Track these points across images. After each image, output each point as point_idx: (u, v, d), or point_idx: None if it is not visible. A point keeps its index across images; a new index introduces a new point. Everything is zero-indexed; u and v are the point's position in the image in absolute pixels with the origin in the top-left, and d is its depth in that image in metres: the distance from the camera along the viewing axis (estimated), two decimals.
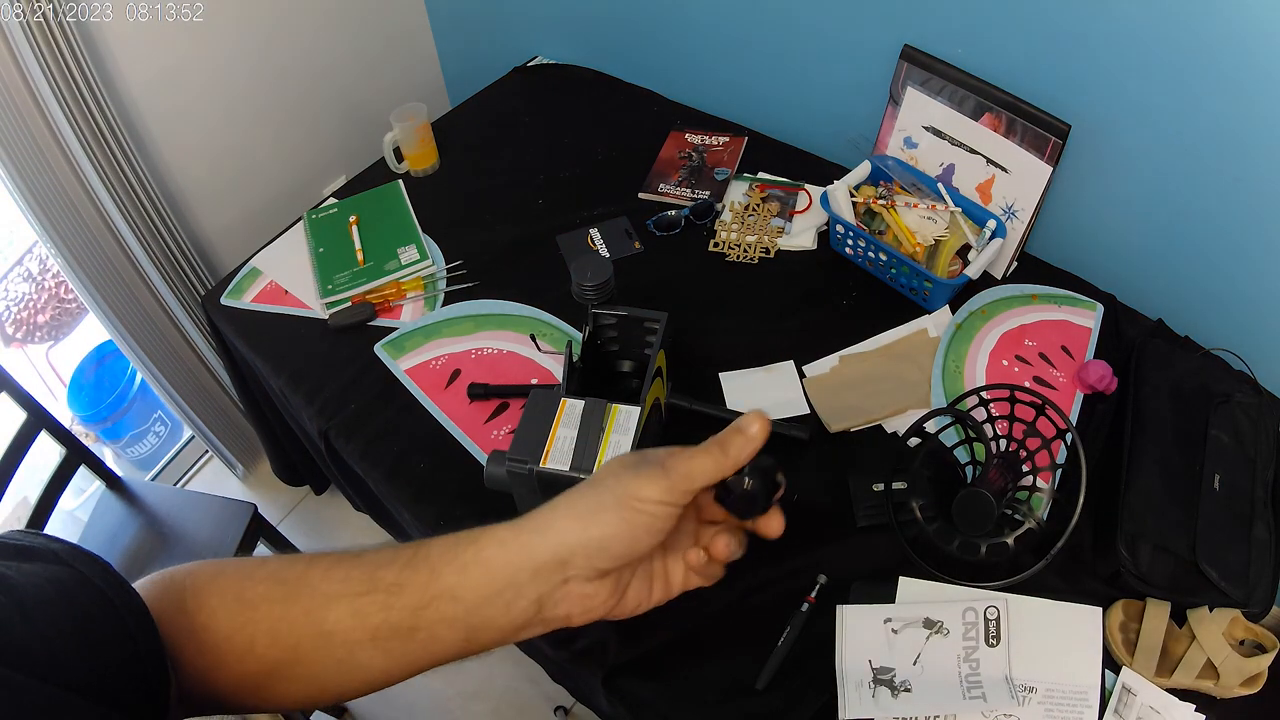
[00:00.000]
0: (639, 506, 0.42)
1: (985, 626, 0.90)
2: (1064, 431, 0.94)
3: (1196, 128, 1.03)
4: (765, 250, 1.33)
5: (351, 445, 1.16)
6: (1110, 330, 1.19)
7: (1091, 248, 1.25)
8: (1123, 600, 0.92)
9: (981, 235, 1.21)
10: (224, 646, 0.41)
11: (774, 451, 0.45)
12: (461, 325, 1.27)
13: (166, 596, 0.41)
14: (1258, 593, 0.87)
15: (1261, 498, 0.93)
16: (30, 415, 1.33)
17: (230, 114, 1.62)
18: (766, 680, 0.89)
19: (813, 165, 1.46)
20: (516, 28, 1.82)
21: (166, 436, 2.08)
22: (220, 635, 0.41)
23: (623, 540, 0.42)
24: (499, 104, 1.71)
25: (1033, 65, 1.12)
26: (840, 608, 0.92)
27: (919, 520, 0.95)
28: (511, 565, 0.42)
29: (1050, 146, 1.12)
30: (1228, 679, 0.85)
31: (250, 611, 0.41)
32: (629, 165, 1.50)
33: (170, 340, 1.69)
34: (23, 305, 2.11)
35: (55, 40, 1.21)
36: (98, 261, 1.48)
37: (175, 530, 1.47)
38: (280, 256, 1.42)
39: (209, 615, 0.41)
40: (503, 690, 1.68)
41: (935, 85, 1.21)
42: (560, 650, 0.95)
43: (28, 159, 1.30)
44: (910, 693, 0.86)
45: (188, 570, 0.43)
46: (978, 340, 1.18)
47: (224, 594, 0.42)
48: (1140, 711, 0.85)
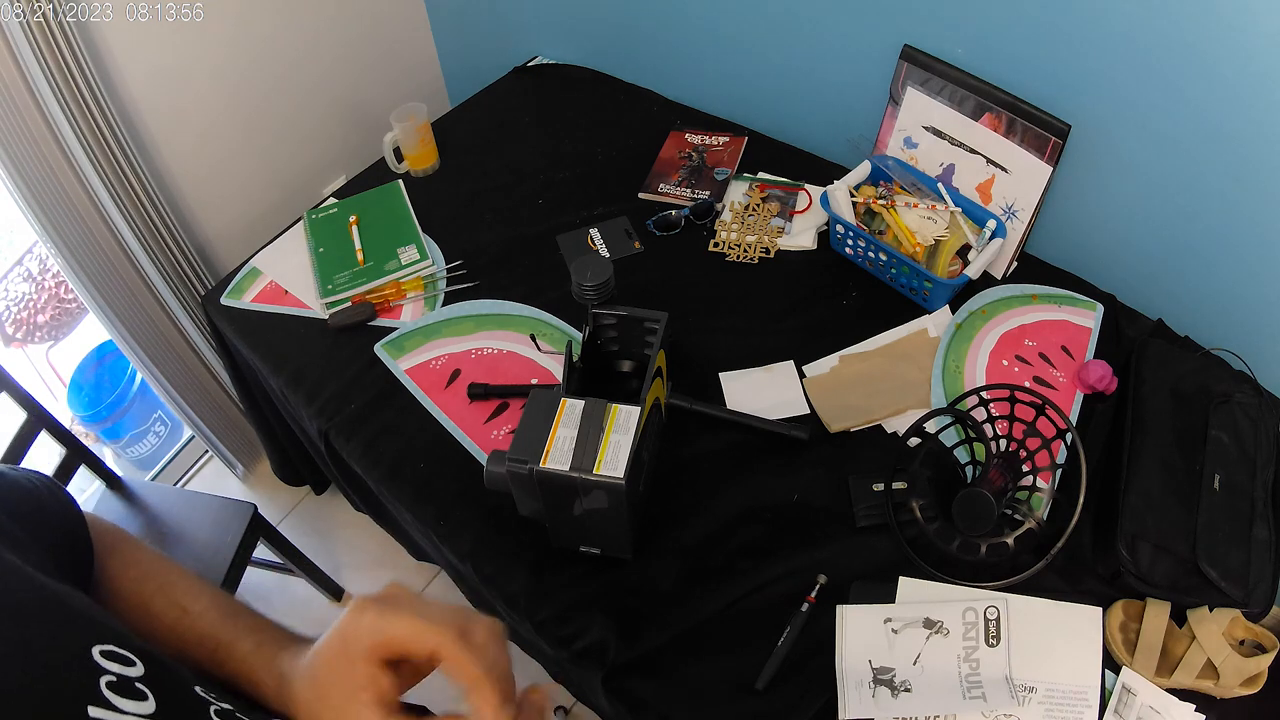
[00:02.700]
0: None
1: (985, 626, 0.90)
2: (1064, 431, 0.94)
3: (1196, 128, 1.03)
4: (765, 250, 1.33)
5: (351, 445, 1.16)
6: (1110, 330, 1.19)
7: (1091, 248, 1.25)
8: (1123, 600, 0.92)
9: (981, 235, 1.21)
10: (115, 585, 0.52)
11: (774, 451, 0.45)
12: (461, 325, 1.27)
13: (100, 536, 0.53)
14: (1258, 593, 0.87)
15: (1261, 498, 0.93)
16: (30, 415, 1.33)
17: (230, 114, 1.62)
18: (766, 680, 0.89)
19: (813, 165, 1.46)
20: (516, 28, 1.82)
21: (166, 436, 2.08)
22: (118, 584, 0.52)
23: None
24: (499, 104, 1.71)
25: (1033, 65, 1.12)
26: (840, 608, 0.92)
27: (919, 520, 0.95)
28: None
29: (1050, 146, 1.12)
30: (1228, 679, 0.85)
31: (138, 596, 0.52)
32: (629, 165, 1.50)
33: (170, 340, 1.69)
34: (23, 305, 2.11)
35: (55, 40, 1.21)
36: (98, 261, 1.48)
37: (175, 530, 1.47)
38: (280, 256, 1.42)
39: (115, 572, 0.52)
40: None
41: (935, 85, 1.21)
42: (560, 650, 0.95)
43: (28, 159, 1.30)
44: (910, 693, 0.86)
45: (115, 543, 0.54)
46: (978, 340, 1.18)
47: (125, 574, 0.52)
48: (1140, 711, 0.85)
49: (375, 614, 0.42)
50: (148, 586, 0.51)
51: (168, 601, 0.51)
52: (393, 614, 0.41)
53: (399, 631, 0.41)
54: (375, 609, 0.42)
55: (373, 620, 0.42)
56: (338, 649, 0.43)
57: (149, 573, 0.53)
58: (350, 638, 0.42)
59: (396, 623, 0.41)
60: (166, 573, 0.53)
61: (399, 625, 0.41)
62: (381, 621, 0.41)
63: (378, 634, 0.41)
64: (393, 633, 0.41)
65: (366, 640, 0.41)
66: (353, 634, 0.42)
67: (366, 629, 0.42)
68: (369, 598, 0.43)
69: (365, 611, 0.42)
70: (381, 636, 0.41)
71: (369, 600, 0.43)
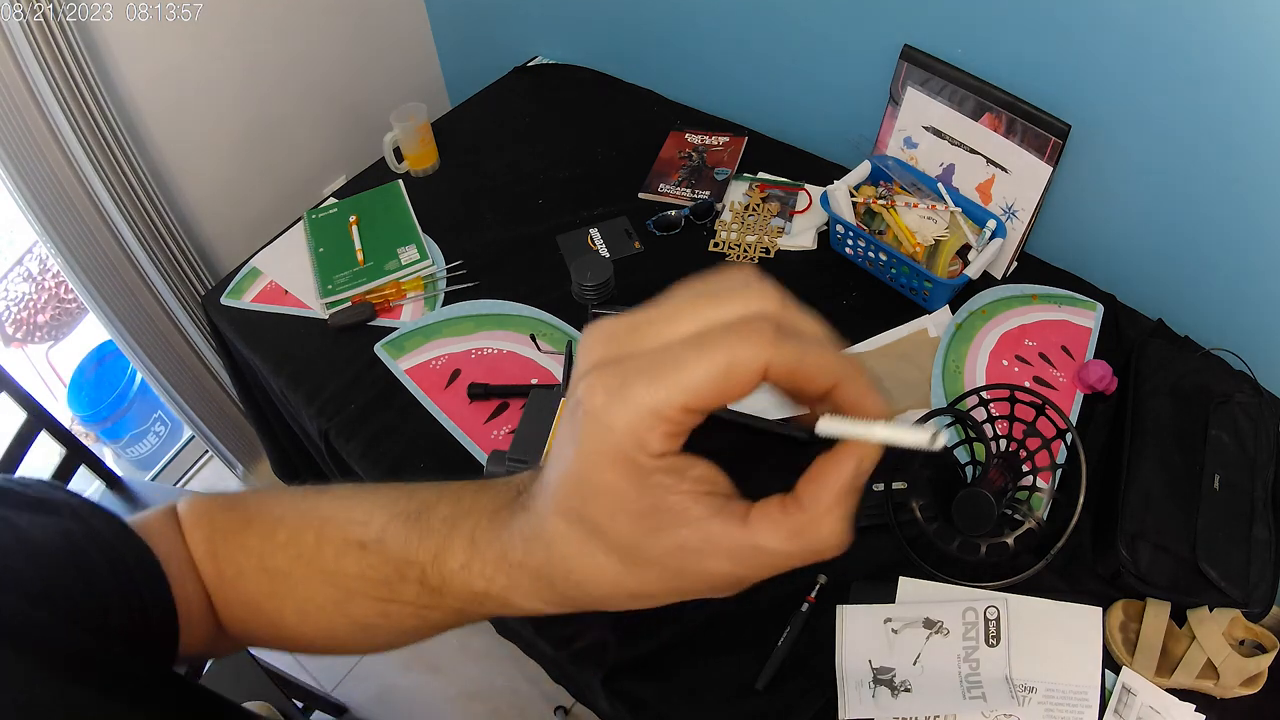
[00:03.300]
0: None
1: (985, 626, 0.90)
2: (1064, 431, 0.94)
3: (1196, 127, 1.03)
4: (765, 250, 1.33)
5: (351, 445, 1.16)
6: (1110, 330, 1.19)
7: (1091, 248, 1.24)
8: (1123, 600, 0.92)
9: (981, 235, 1.21)
10: (251, 607, 0.41)
11: (774, 451, 0.45)
12: (461, 325, 1.27)
13: (181, 545, 0.42)
14: (1258, 593, 0.87)
15: (1261, 498, 0.93)
16: (30, 415, 1.33)
17: (230, 114, 1.61)
18: (766, 680, 0.89)
19: (813, 165, 1.46)
20: (516, 28, 1.82)
21: (166, 436, 2.08)
22: (248, 596, 0.41)
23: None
24: (499, 104, 1.71)
25: (1033, 65, 1.12)
26: (840, 608, 0.92)
27: (919, 520, 0.95)
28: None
29: (1050, 146, 1.12)
30: (1228, 679, 0.85)
31: (277, 584, 0.40)
32: (629, 165, 1.50)
33: (170, 340, 1.69)
34: (23, 305, 2.11)
35: (55, 40, 1.21)
36: (98, 261, 1.48)
37: None
38: (280, 256, 1.42)
39: (236, 573, 0.41)
40: (502, 690, 1.68)
41: (935, 85, 1.21)
42: (560, 650, 0.95)
43: (28, 159, 1.30)
44: (910, 693, 0.86)
45: (201, 514, 0.43)
46: (978, 340, 1.18)
47: (249, 555, 0.41)
48: (1140, 711, 0.85)
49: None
50: (305, 544, 0.39)
51: (338, 549, 0.38)
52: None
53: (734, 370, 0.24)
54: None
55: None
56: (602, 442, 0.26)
57: (298, 531, 0.40)
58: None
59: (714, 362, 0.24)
60: (314, 513, 0.40)
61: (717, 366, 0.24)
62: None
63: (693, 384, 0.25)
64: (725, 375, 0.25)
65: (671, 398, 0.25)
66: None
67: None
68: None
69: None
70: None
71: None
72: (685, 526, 0.26)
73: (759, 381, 0.25)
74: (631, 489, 0.26)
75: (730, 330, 0.25)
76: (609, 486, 0.26)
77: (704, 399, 0.25)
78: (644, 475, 0.26)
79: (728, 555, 0.27)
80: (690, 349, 0.25)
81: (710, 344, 0.24)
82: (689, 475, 0.27)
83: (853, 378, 0.26)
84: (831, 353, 0.26)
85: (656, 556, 0.27)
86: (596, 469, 0.26)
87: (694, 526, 0.26)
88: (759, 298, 0.26)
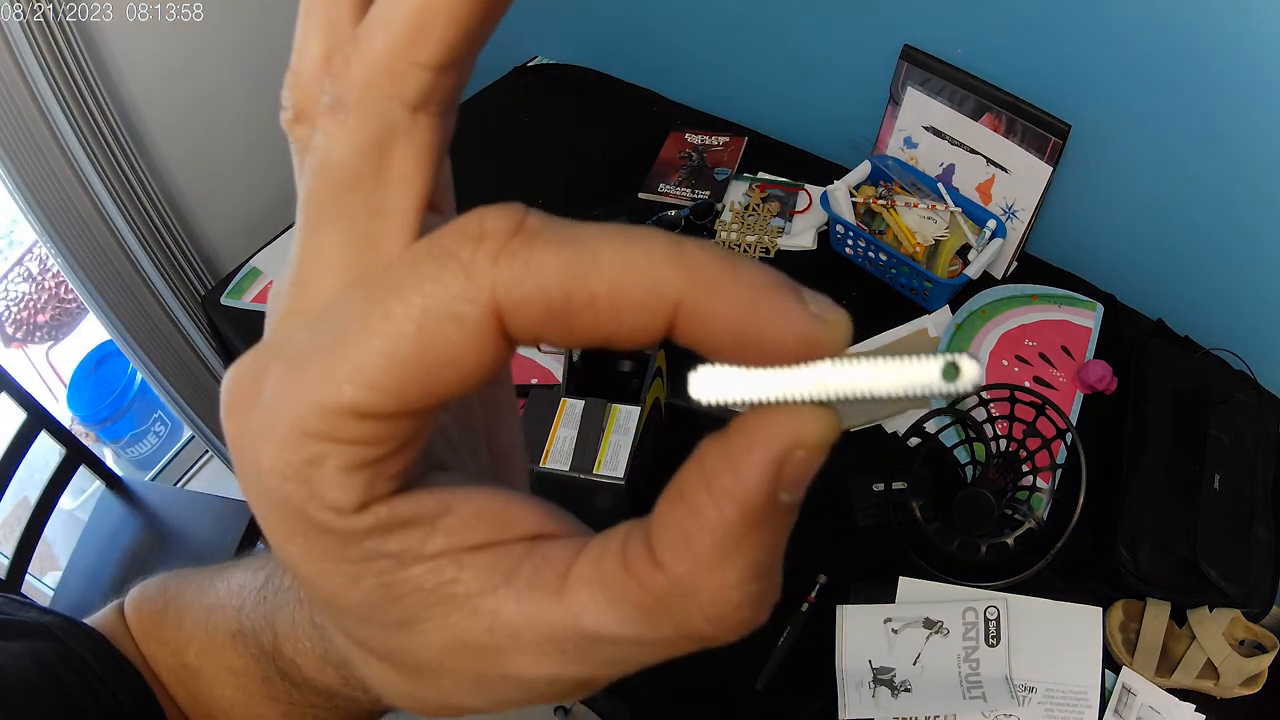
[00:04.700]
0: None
1: (985, 626, 0.90)
2: (1064, 431, 0.94)
3: (1197, 127, 1.03)
4: (765, 250, 1.33)
5: None
6: (1110, 330, 1.19)
7: (1091, 248, 1.24)
8: (1123, 600, 0.92)
9: (981, 235, 1.21)
10: (189, 710, 0.35)
11: None
12: None
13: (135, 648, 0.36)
14: (1258, 593, 0.87)
15: (1261, 498, 0.93)
16: (30, 415, 1.33)
17: (230, 114, 1.62)
18: (766, 680, 0.89)
19: (813, 165, 1.46)
20: (516, 28, 1.82)
21: (166, 436, 2.08)
22: (181, 698, 0.35)
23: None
24: (498, 104, 1.71)
25: (1033, 65, 1.12)
26: (840, 608, 0.92)
27: (919, 520, 0.95)
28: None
29: (1050, 146, 1.12)
30: (1228, 679, 0.85)
31: (199, 684, 0.34)
32: (629, 165, 1.50)
33: (170, 340, 1.69)
34: (23, 305, 2.11)
35: (55, 40, 1.21)
36: (98, 261, 1.48)
37: (175, 530, 1.47)
38: (280, 256, 1.42)
39: (165, 672, 0.35)
40: None
41: (935, 85, 1.21)
42: None
43: (28, 159, 1.30)
44: (910, 693, 0.86)
45: (133, 608, 0.36)
46: (978, 340, 1.18)
47: (170, 652, 0.36)
48: (1140, 711, 0.85)
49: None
50: (200, 636, 0.34)
51: (225, 641, 0.32)
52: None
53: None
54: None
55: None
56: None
57: (199, 620, 0.34)
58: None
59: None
60: (210, 595, 0.35)
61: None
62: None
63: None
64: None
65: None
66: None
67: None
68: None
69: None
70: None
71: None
72: (453, 612, 0.15)
73: (489, 336, 0.14)
74: (333, 572, 0.15)
75: (409, 263, 0.14)
76: (303, 574, 0.16)
77: (387, 389, 0.13)
78: (344, 544, 0.15)
79: (538, 650, 0.15)
80: (353, 310, 0.14)
81: (380, 292, 0.14)
82: (442, 525, 0.15)
83: (721, 280, 0.14)
84: (657, 246, 0.14)
85: (434, 662, 0.16)
86: (279, 548, 0.16)
87: (466, 611, 0.15)
88: (475, 217, 0.15)
